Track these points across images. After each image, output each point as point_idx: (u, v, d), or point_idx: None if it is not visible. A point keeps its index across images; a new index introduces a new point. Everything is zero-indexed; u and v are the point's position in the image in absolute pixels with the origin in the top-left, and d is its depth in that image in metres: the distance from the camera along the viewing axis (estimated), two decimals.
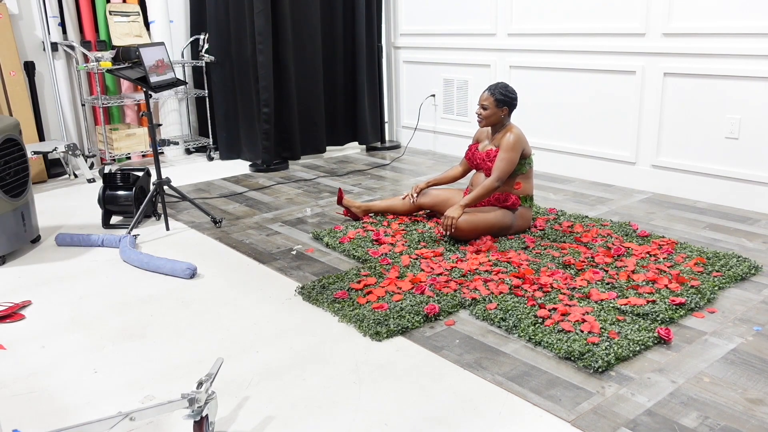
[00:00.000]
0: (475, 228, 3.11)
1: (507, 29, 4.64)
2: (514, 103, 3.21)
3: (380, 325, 2.35)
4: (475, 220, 3.11)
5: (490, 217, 3.15)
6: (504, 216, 3.18)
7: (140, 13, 5.13)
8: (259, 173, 4.91)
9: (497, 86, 3.19)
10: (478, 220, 3.12)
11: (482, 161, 3.25)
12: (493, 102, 3.16)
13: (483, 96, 3.19)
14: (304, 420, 1.86)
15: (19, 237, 3.21)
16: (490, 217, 3.15)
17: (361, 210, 3.57)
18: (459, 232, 3.09)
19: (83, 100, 5.02)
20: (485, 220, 3.14)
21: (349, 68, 5.44)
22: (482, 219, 3.13)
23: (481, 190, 3.10)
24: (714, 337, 2.26)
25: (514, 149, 3.10)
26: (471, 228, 3.10)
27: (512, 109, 3.22)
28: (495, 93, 3.16)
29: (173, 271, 2.93)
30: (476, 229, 3.12)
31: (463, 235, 3.11)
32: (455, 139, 5.25)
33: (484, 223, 3.13)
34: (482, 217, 3.13)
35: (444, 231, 3.08)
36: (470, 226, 3.10)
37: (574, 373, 2.06)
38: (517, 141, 3.11)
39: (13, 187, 3.13)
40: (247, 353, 2.25)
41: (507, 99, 3.17)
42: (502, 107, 3.17)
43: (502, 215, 3.18)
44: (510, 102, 3.18)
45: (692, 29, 3.66)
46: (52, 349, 2.31)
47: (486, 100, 3.17)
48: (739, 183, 3.63)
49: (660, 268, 2.76)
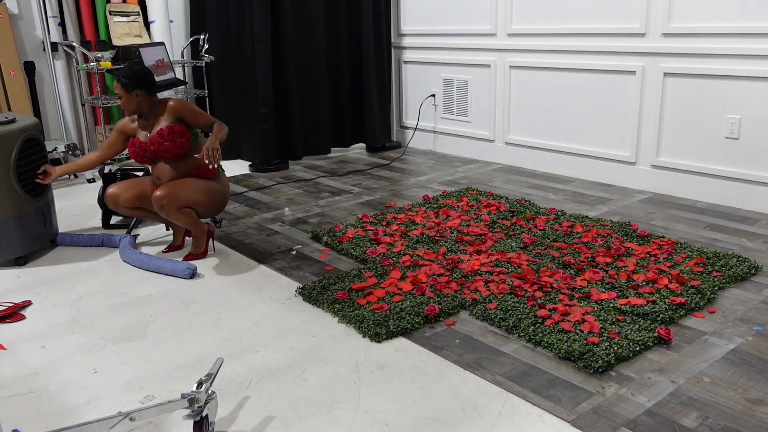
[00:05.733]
0: (186, 200, 2.96)
1: (507, 29, 4.64)
2: (147, 81, 2.95)
3: (380, 326, 2.35)
4: (190, 193, 2.96)
5: (203, 185, 3.01)
6: (216, 186, 3.07)
7: (140, 13, 5.13)
8: (259, 173, 4.90)
9: (122, 70, 2.94)
10: (191, 190, 2.97)
11: (157, 146, 2.97)
12: (122, 89, 2.93)
13: (114, 85, 2.96)
14: (304, 420, 1.86)
15: (40, 236, 3.22)
16: (203, 185, 3.01)
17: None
18: (169, 207, 2.92)
19: (83, 100, 5.02)
20: (209, 189, 3.02)
21: (356, 67, 5.43)
22: (205, 189, 3.01)
23: (224, 129, 2.97)
24: (714, 337, 2.26)
25: (188, 105, 2.99)
26: (181, 202, 2.95)
27: (148, 88, 2.97)
28: (120, 79, 2.91)
29: (173, 271, 2.93)
30: (189, 200, 2.97)
31: (173, 209, 2.94)
32: (455, 139, 5.25)
33: (200, 192, 2.99)
34: (204, 187, 3.01)
35: (212, 161, 2.84)
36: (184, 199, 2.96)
37: (574, 373, 2.06)
38: (182, 102, 2.99)
39: (34, 187, 3.15)
40: (247, 353, 2.25)
41: (135, 80, 2.92)
42: (133, 90, 2.93)
43: (215, 186, 3.06)
44: (139, 81, 2.92)
45: (692, 29, 3.66)
46: (52, 349, 2.31)
47: (117, 89, 2.94)
48: (739, 183, 3.63)
49: (660, 268, 2.76)
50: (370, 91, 5.37)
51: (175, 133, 2.96)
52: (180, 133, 2.98)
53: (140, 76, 2.94)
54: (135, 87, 2.94)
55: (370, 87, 5.37)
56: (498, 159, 4.93)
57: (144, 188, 3.09)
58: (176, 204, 2.93)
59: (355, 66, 5.43)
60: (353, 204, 3.96)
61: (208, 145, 2.84)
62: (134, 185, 3.09)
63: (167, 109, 3.00)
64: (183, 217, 2.98)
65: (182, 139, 2.98)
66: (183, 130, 2.99)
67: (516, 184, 4.30)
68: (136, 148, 3.03)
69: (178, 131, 2.97)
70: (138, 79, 2.93)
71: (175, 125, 2.99)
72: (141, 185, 3.10)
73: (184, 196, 2.96)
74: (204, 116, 3.03)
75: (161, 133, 2.97)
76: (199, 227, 3.09)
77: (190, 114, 3.01)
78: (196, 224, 3.06)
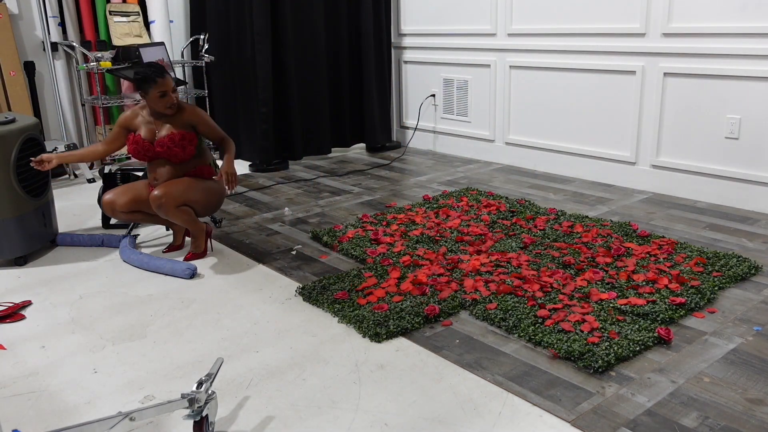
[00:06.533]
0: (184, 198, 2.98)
1: (507, 29, 4.64)
2: (145, 81, 2.89)
3: (380, 326, 2.35)
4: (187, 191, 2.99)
5: (200, 184, 3.04)
6: (212, 185, 3.10)
7: (140, 13, 5.13)
8: (259, 173, 4.91)
9: (157, 68, 2.94)
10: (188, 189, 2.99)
11: (166, 150, 2.97)
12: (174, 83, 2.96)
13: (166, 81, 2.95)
14: (304, 420, 1.86)
15: (40, 236, 3.22)
16: (200, 184, 3.04)
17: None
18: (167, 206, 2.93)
19: (83, 100, 5.02)
20: (206, 188, 3.05)
21: (356, 67, 5.42)
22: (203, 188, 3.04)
23: (232, 147, 3.03)
24: (714, 337, 2.26)
25: (204, 116, 3.02)
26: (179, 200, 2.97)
27: (145, 86, 2.91)
28: (168, 75, 2.93)
29: (173, 271, 2.93)
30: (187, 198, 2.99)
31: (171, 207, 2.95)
32: (455, 139, 5.25)
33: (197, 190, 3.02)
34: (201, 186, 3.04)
35: (231, 187, 2.94)
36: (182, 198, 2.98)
37: (574, 373, 2.06)
38: (199, 111, 3.02)
39: (34, 187, 3.15)
40: (247, 353, 2.25)
41: (136, 82, 2.92)
42: (139, 91, 2.95)
43: (212, 184, 3.09)
44: (137, 83, 2.91)
45: (692, 29, 3.66)
46: (52, 349, 2.31)
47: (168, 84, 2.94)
48: (739, 183, 3.63)
49: (660, 268, 2.76)
50: (370, 91, 5.37)
51: (186, 140, 2.99)
52: (190, 141, 3.01)
53: (138, 78, 2.93)
54: (138, 89, 2.95)
55: (370, 87, 5.37)
56: (498, 159, 4.93)
57: (140, 191, 3.09)
58: (174, 202, 2.94)
59: (356, 66, 5.42)
60: (353, 204, 3.96)
61: (227, 169, 2.96)
62: (129, 190, 3.09)
63: (184, 112, 3.02)
64: (181, 215, 2.98)
65: (191, 146, 3.02)
66: (193, 138, 3.03)
67: (516, 184, 4.30)
68: (138, 146, 3.00)
69: (189, 138, 3.00)
70: (136, 83, 2.94)
71: (187, 132, 3.01)
72: (136, 189, 3.10)
73: (182, 194, 2.96)
74: (216, 130, 3.07)
75: (172, 138, 2.97)
76: (197, 225, 3.09)
77: (204, 125, 3.05)
78: (194, 222, 3.07)
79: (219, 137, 3.08)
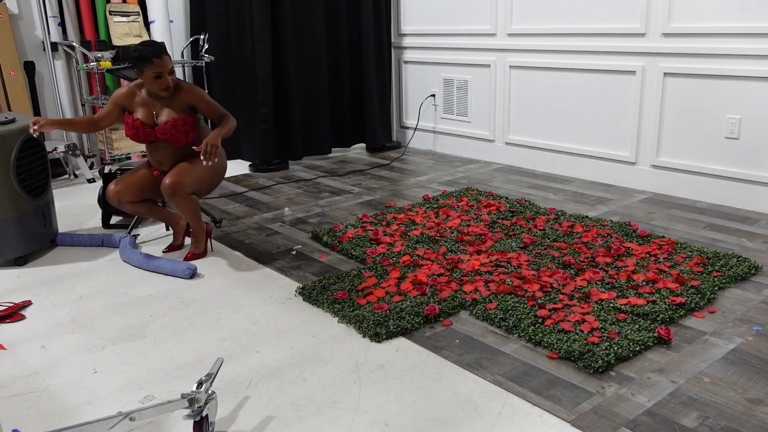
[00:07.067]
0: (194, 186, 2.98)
1: (507, 29, 4.64)
2: (141, 60, 2.81)
3: (380, 326, 2.35)
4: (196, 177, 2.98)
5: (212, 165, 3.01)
6: (214, 164, 3.05)
7: (140, 13, 5.13)
8: (259, 173, 4.90)
9: (156, 46, 2.85)
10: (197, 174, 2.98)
11: (169, 137, 2.95)
12: (172, 64, 2.90)
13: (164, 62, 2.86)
14: (304, 420, 1.86)
15: (40, 236, 3.22)
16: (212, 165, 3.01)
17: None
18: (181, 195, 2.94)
19: (83, 100, 5.02)
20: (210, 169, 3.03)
21: (356, 67, 5.42)
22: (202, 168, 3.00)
23: (231, 124, 2.95)
24: (714, 337, 2.26)
25: (203, 94, 2.97)
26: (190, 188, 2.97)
27: (140, 65, 2.83)
28: (166, 55, 2.85)
29: (173, 271, 2.93)
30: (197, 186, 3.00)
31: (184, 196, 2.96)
32: (455, 139, 5.25)
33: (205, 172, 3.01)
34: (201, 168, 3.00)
35: (208, 158, 2.79)
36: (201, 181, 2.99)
37: (574, 373, 2.06)
38: (198, 89, 2.97)
39: (34, 187, 3.15)
40: (247, 353, 2.25)
41: (132, 60, 2.84)
42: (135, 69, 2.86)
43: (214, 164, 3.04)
44: (133, 60, 2.83)
45: (692, 29, 3.66)
46: (52, 349, 2.31)
47: (166, 66, 2.87)
48: (739, 183, 3.63)
49: (660, 268, 2.76)
50: (370, 91, 5.37)
51: (188, 125, 2.97)
52: (192, 125, 2.98)
53: (134, 56, 2.84)
54: (134, 66, 2.87)
55: (370, 87, 5.37)
56: (498, 159, 4.93)
57: (143, 179, 3.09)
58: (186, 190, 2.94)
59: (356, 66, 5.42)
60: (353, 204, 3.96)
61: (208, 140, 2.79)
62: (133, 179, 3.08)
63: (182, 92, 2.96)
64: (189, 203, 2.99)
65: (194, 131, 3.00)
66: (194, 121, 3.00)
67: (516, 184, 4.30)
68: (137, 131, 2.96)
69: (191, 123, 2.97)
70: (132, 61, 2.86)
71: (189, 117, 2.97)
72: (139, 177, 3.09)
73: (193, 181, 2.96)
74: (215, 108, 3.01)
75: (175, 125, 2.93)
76: (199, 221, 3.09)
77: (203, 103, 2.99)
78: (197, 216, 3.06)
79: (219, 115, 2.99)
